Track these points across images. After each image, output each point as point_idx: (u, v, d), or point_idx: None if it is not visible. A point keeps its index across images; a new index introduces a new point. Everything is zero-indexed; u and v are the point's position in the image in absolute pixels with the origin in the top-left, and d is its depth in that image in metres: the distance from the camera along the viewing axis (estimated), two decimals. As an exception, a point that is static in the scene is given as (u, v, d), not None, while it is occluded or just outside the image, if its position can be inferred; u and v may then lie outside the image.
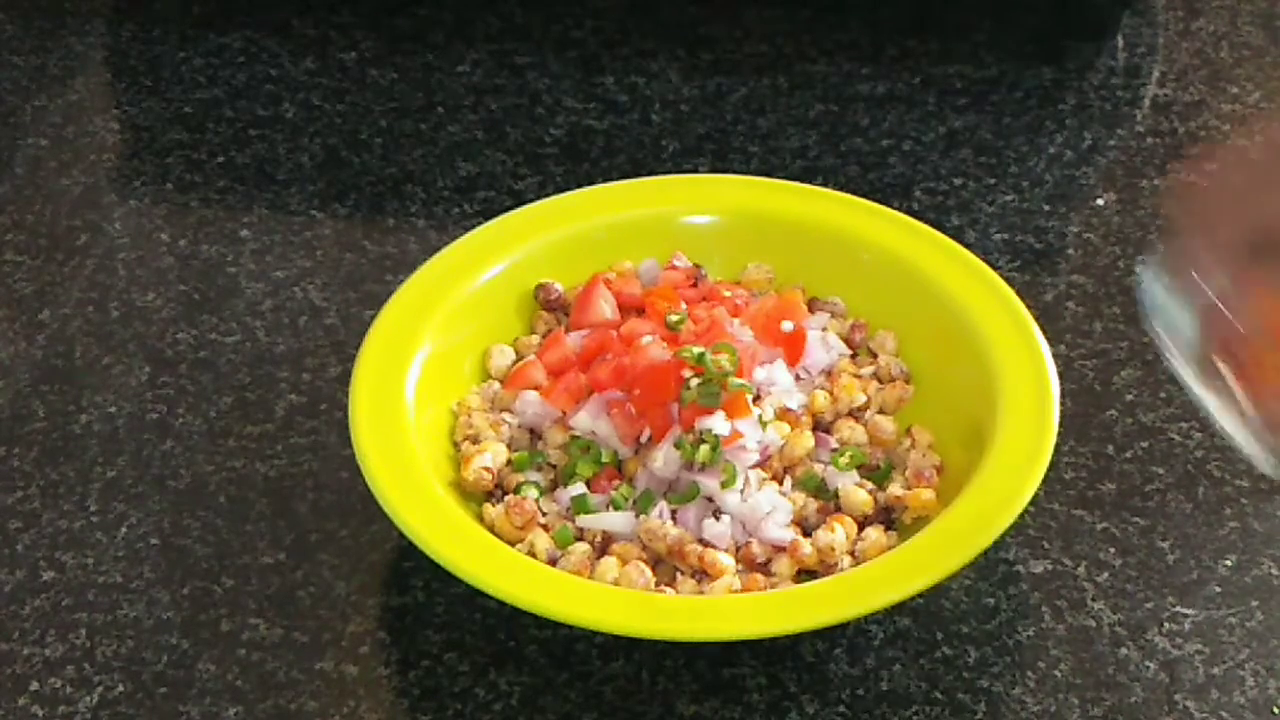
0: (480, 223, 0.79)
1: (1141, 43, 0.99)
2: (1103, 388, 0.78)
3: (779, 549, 0.68)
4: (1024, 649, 0.68)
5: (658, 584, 0.67)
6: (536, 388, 0.73)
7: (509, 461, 0.71)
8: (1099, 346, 0.80)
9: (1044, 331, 0.72)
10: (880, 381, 0.75)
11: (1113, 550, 0.71)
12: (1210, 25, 1.01)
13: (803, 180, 0.83)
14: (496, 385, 0.74)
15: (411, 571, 0.71)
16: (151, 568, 0.71)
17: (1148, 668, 0.67)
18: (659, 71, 0.97)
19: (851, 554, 0.68)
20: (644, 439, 0.70)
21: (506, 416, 0.73)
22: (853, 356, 0.76)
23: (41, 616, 0.69)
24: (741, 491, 0.69)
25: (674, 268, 0.78)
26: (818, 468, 0.71)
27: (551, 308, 0.77)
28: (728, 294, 0.75)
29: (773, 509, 0.68)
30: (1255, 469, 0.74)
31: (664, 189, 0.82)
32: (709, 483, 0.69)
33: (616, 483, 0.70)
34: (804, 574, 0.68)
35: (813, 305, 0.77)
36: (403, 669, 0.68)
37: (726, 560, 0.67)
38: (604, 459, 0.70)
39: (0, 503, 0.74)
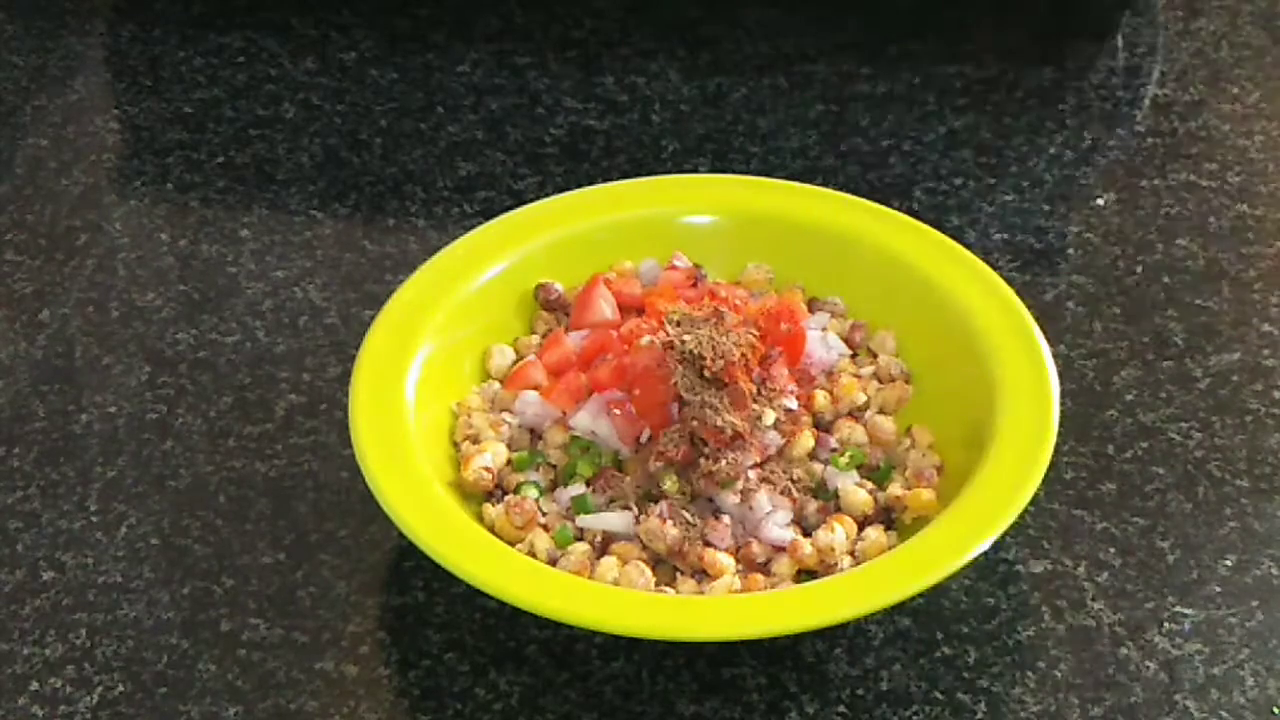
0: (480, 223, 0.79)
1: (1141, 43, 0.99)
2: (1103, 388, 0.78)
3: (779, 549, 0.68)
4: (1024, 649, 0.68)
5: (658, 584, 0.67)
6: (536, 388, 0.73)
7: (509, 461, 0.71)
8: (1099, 346, 0.80)
9: (1044, 331, 0.72)
10: (880, 381, 0.75)
11: (1113, 550, 0.71)
12: (1210, 25, 1.01)
13: (803, 180, 0.82)
14: (496, 385, 0.74)
15: (411, 571, 0.70)
16: (151, 568, 0.71)
17: (1148, 668, 0.67)
18: (659, 71, 0.97)
19: (851, 554, 0.68)
20: (644, 439, 0.70)
21: (506, 416, 0.73)
22: (853, 356, 0.76)
23: (41, 616, 0.69)
24: (741, 492, 0.69)
25: (674, 268, 0.78)
26: (818, 468, 0.71)
27: (551, 308, 0.77)
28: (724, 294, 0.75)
29: (772, 509, 0.68)
30: (1255, 469, 0.74)
31: (664, 189, 0.82)
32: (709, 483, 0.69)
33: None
34: (804, 574, 0.68)
35: (813, 305, 0.77)
36: (403, 669, 0.68)
37: (726, 560, 0.67)
38: (604, 459, 0.70)
39: (0, 503, 0.74)
